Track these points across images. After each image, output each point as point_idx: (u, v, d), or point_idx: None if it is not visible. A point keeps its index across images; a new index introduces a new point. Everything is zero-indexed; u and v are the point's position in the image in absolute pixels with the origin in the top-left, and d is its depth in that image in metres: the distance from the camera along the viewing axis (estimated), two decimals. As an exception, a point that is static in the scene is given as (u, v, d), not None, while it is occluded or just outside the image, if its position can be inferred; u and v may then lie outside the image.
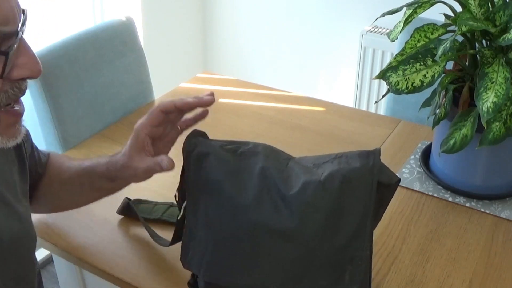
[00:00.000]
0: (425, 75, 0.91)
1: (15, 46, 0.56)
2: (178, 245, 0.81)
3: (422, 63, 0.91)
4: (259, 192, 0.68)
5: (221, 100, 1.44)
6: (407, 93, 0.91)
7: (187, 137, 0.75)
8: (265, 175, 0.70)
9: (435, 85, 0.95)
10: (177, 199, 0.78)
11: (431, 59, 0.91)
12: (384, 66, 0.95)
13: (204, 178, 0.71)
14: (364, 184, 0.66)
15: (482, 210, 0.99)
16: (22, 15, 0.58)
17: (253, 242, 0.67)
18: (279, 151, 0.76)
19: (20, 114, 0.62)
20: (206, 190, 0.71)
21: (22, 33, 0.57)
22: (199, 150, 0.73)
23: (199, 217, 0.72)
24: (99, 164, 0.82)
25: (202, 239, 0.71)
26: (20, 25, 0.57)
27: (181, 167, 0.75)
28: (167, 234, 0.89)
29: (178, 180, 0.77)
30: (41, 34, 1.77)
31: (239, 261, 0.68)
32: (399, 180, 0.71)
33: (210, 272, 0.70)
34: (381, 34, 2.06)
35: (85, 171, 0.83)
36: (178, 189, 0.77)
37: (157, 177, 1.09)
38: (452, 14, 0.95)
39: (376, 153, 0.69)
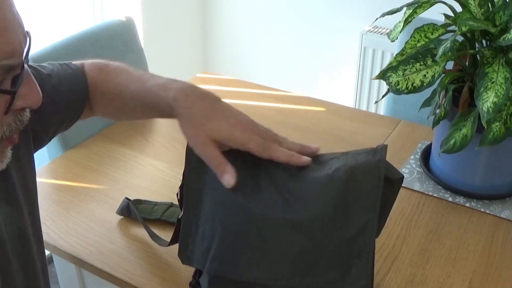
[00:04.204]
0: (425, 75, 0.91)
1: (21, 79, 0.54)
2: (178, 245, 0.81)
3: (422, 63, 0.91)
4: (267, 186, 0.69)
5: (221, 100, 1.43)
6: (407, 93, 0.91)
7: None
8: (272, 170, 0.70)
9: (435, 85, 0.95)
10: (179, 197, 0.78)
11: (431, 59, 0.91)
12: (384, 66, 0.95)
13: (209, 172, 0.71)
14: (371, 178, 0.67)
15: (482, 210, 0.99)
16: (26, 43, 0.56)
17: (261, 233, 0.67)
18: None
19: (13, 142, 0.60)
20: (211, 185, 0.71)
21: (27, 63, 0.56)
22: None
23: (202, 212, 0.71)
24: (149, 98, 0.76)
25: (207, 233, 0.70)
26: (24, 55, 0.55)
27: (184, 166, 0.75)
28: (167, 234, 0.89)
29: (179, 180, 0.77)
30: (41, 34, 1.77)
31: (247, 253, 0.67)
32: (403, 177, 0.71)
33: (217, 265, 0.69)
34: (381, 34, 2.06)
35: (148, 91, 0.77)
36: (181, 187, 0.77)
37: (157, 177, 1.09)
38: (452, 14, 0.95)
39: (383, 148, 0.70)
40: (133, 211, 0.94)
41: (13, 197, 0.68)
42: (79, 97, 0.83)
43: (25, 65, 0.56)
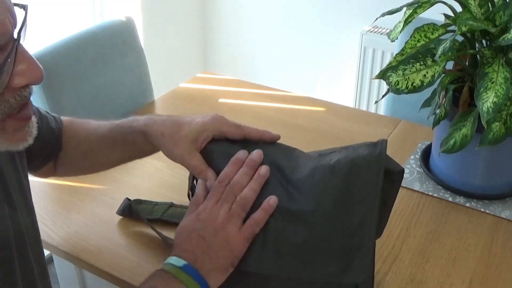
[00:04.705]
0: (425, 75, 0.91)
1: (9, 59, 0.53)
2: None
3: (422, 63, 0.91)
4: (267, 179, 0.69)
5: (221, 100, 1.44)
6: (407, 93, 0.91)
7: None
8: (272, 162, 0.70)
9: (435, 85, 0.95)
10: (190, 198, 0.77)
11: (431, 59, 0.91)
12: (384, 66, 0.95)
13: (211, 165, 0.72)
14: (372, 170, 0.67)
15: (482, 210, 0.99)
16: (16, 20, 0.54)
17: (263, 225, 0.67)
18: (284, 144, 0.77)
19: (27, 118, 0.59)
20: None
21: (19, 40, 0.54)
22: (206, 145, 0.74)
23: None
24: (131, 128, 0.79)
25: None
26: (15, 31, 0.54)
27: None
28: (167, 234, 0.89)
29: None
30: (41, 34, 1.77)
31: (249, 245, 0.67)
32: (403, 170, 0.71)
33: None
34: (381, 34, 2.06)
35: (118, 126, 0.82)
36: (190, 189, 0.77)
37: (157, 177, 1.09)
38: (452, 14, 0.95)
39: (383, 142, 0.70)
40: (136, 213, 0.93)
41: (11, 198, 0.68)
42: (56, 137, 0.86)
43: (20, 43, 0.54)
